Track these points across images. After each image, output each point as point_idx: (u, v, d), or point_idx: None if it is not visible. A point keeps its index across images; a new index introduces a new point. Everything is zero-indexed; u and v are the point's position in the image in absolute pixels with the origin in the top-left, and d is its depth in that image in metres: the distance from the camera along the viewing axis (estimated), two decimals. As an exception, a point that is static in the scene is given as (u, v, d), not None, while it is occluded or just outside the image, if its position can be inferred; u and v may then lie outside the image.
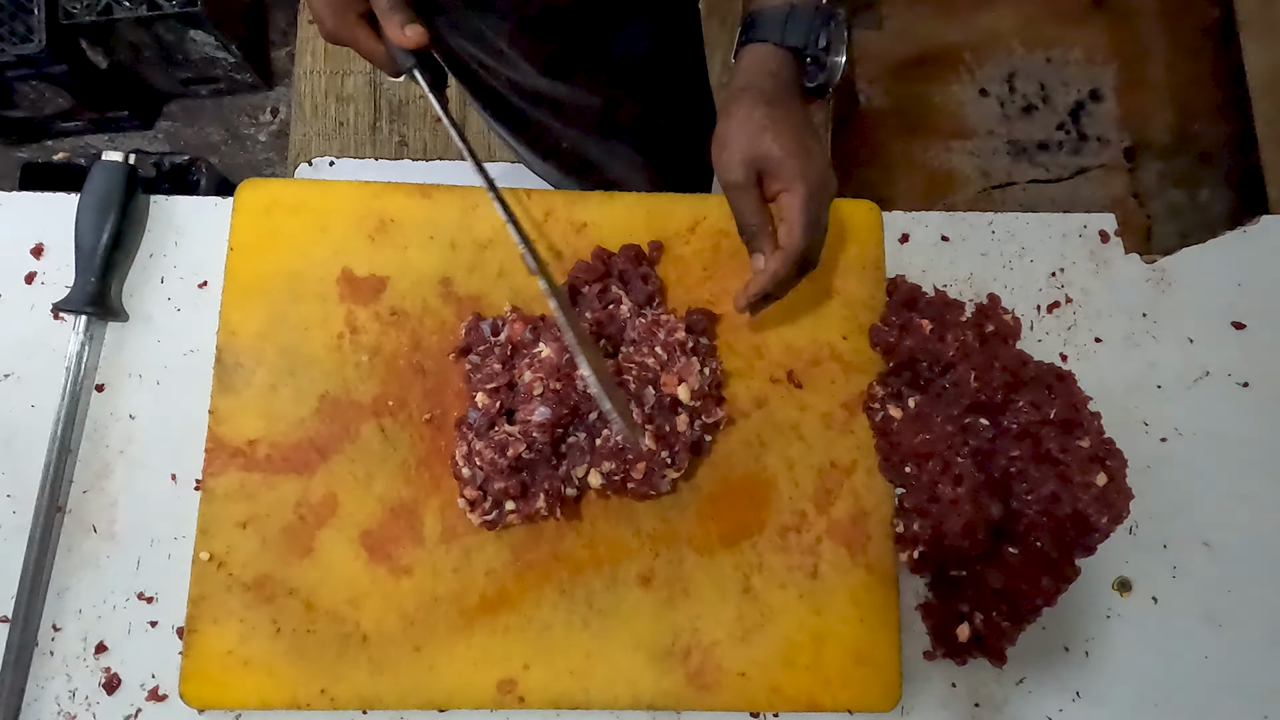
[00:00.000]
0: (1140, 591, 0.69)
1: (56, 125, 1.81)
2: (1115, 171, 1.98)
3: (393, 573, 0.64)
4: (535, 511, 0.63)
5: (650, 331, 0.64)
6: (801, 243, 0.59)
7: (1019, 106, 1.98)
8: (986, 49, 2.00)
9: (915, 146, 1.94)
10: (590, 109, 0.80)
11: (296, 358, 0.67)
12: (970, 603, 0.65)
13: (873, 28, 2.00)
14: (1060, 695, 0.67)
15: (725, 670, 0.64)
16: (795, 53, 0.59)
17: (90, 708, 0.63)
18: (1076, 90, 1.99)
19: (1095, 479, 0.63)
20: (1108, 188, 1.97)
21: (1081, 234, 0.74)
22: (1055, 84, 2.00)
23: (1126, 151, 1.97)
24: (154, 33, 1.65)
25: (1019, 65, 2.00)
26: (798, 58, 0.59)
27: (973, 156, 1.95)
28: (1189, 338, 0.73)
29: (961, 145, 1.96)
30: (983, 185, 1.94)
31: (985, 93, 1.98)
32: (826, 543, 0.66)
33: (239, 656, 0.63)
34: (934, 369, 0.66)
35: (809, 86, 0.61)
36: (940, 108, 1.97)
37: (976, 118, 1.97)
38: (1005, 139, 1.97)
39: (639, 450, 0.61)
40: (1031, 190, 1.94)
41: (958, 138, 1.96)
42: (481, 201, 0.70)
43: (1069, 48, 2.01)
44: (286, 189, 0.70)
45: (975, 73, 1.99)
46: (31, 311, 0.68)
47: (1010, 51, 2.01)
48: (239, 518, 0.64)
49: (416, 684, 0.63)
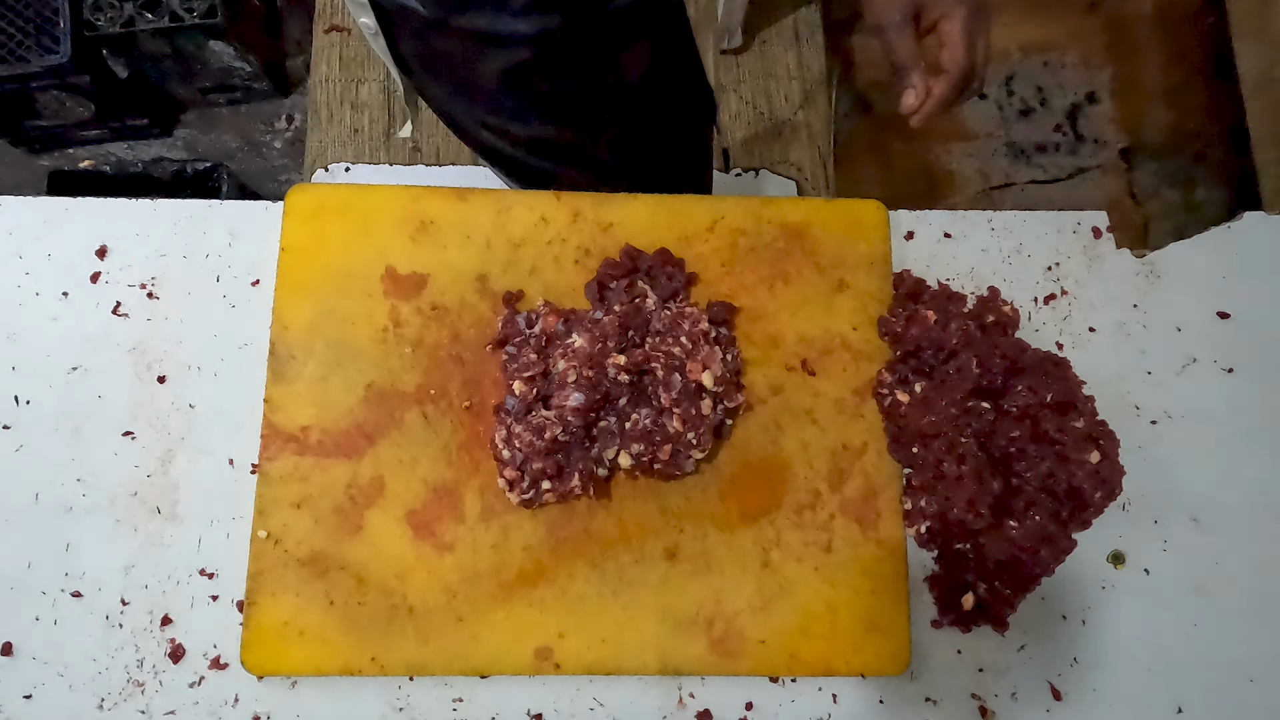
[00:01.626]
0: (1133, 564, 0.73)
1: (78, 134, 1.85)
2: (1112, 172, 2.02)
3: (436, 549, 0.69)
4: (569, 490, 0.67)
5: (675, 322, 0.69)
6: (965, 62, 0.63)
7: (1017, 109, 2.02)
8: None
9: (916, 149, 1.98)
10: (589, 145, 0.82)
11: (344, 350, 0.72)
12: (974, 573, 0.69)
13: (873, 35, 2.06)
14: (1059, 660, 0.71)
15: (746, 638, 0.69)
16: None
17: (157, 676, 0.68)
18: (1073, 93, 2.03)
19: (1089, 457, 0.68)
20: (1104, 188, 2.01)
21: (1076, 230, 0.79)
22: (1052, 87, 2.04)
23: (1123, 152, 2.01)
24: (174, 43, 1.69)
25: (1016, 69, 2.04)
26: None
27: (972, 158, 1.99)
28: (1177, 327, 0.77)
29: (961, 147, 2.00)
30: (982, 186, 1.98)
31: (984, 96, 2.01)
32: (839, 519, 0.71)
33: (295, 627, 0.67)
34: (938, 356, 0.71)
35: None
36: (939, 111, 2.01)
37: (975, 120, 2.01)
38: (1004, 141, 2.01)
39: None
40: (1030, 191, 1.98)
41: (957, 140, 2.00)
42: (514, 203, 0.75)
43: (1065, 51, 2.05)
44: (333, 194, 0.74)
45: (974, 76, 2.03)
46: (96, 309, 0.73)
47: (1008, 55, 2.05)
48: (293, 499, 0.69)
49: (460, 652, 0.68)
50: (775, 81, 1.82)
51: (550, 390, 0.68)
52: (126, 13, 1.62)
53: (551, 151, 0.83)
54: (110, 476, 0.70)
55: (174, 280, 0.74)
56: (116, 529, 0.69)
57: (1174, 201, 2.01)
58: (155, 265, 0.74)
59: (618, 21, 0.72)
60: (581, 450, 0.68)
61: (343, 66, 1.87)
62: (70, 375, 0.72)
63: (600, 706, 0.69)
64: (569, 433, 0.66)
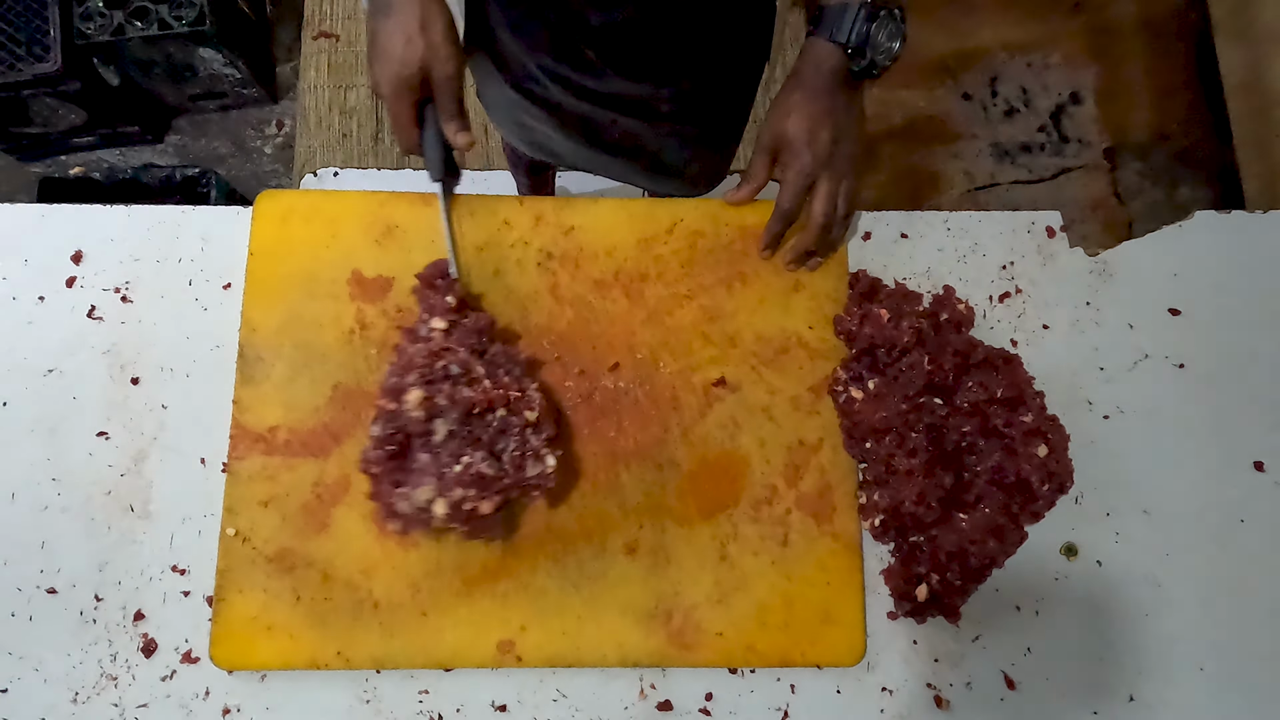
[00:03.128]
0: (1085, 556, 0.74)
1: (69, 141, 1.87)
2: (1096, 171, 2.03)
3: (401, 545, 0.71)
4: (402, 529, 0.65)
5: (494, 367, 0.68)
6: (785, 204, 0.73)
7: (1001, 110, 2.03)
8: (969, 55, 2.05)
9: (900, 150, 1.99)
10: (658, 100, 0.84)
11: (311, 352, 0.73)
12: (926, 565, 0.71)
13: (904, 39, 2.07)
14: (1013, 650, 0.73)
15: (704, 631, 0.71)
16: (843, 46, 0.68)
17: (130, 670, 0.69)
18: (1057, 94, 2.04)
19: (1037, 450, 0.70)
20: (1089, 187, 2.02)
21: (1030, 230, 0.81)
22: (1036, 88, 2.05)
23: (1106, 152, 2.02)
24: (164, 51, 1.71)
25: (1000, 70, 2.05)
26: (842, 49, 0.68)
27: (957, 159, 2.01)
28: (1129, 324, 0.79)
29: (946, 149, 2.01)
30: (968, 187, 1.99)
31: (968, 97, 2.03)
32: (796, 514, 0.73)
33: (263, 622, 0.69)
34: (891, 354, 0.72)
35: (854, 70, 0.69)
36: (924, 112, 2.02)
37: (960, 122, 2.02)
38: (989, 142, 2.02)
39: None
40: (1015, 191, 2.00)
41: (942, 141, 2.01)
42: (478, 208, 0.77)
43: (1049, 52, 2.07)
44: (301, 199, 0.76)
45: (959, 78, 2.04)
46: (72, 313, 0.75)
47: (992, 57, 2.06)
48: (261, 497, 0.71)
49: (424, 645, 0.69)
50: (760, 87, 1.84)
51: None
52: (116, 21, 1.64)
53: (615, 104, 0.85)
54: (85, 475, 0.72)
55: (147, 284, 0.76)
56: (91, 527, 0.71)
57: (1158, 200, 2.02)
58: (129, 269, 0.76)
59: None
60: (387, 487, 0.65)
61: (332, 72, 1.89)
62: (46, 377, 0.73)
63: (563, 698, 0.71)
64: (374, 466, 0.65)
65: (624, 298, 0.76)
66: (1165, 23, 2.09)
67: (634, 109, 0.85)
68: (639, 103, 0.85)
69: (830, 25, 0.68)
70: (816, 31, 0.69)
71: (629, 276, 0.76)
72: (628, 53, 0.77)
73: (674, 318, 0.76)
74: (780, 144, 0.72)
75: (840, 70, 0.69)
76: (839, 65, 0.69)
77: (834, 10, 0.68)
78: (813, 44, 0.70)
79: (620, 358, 0.74)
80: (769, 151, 0.73)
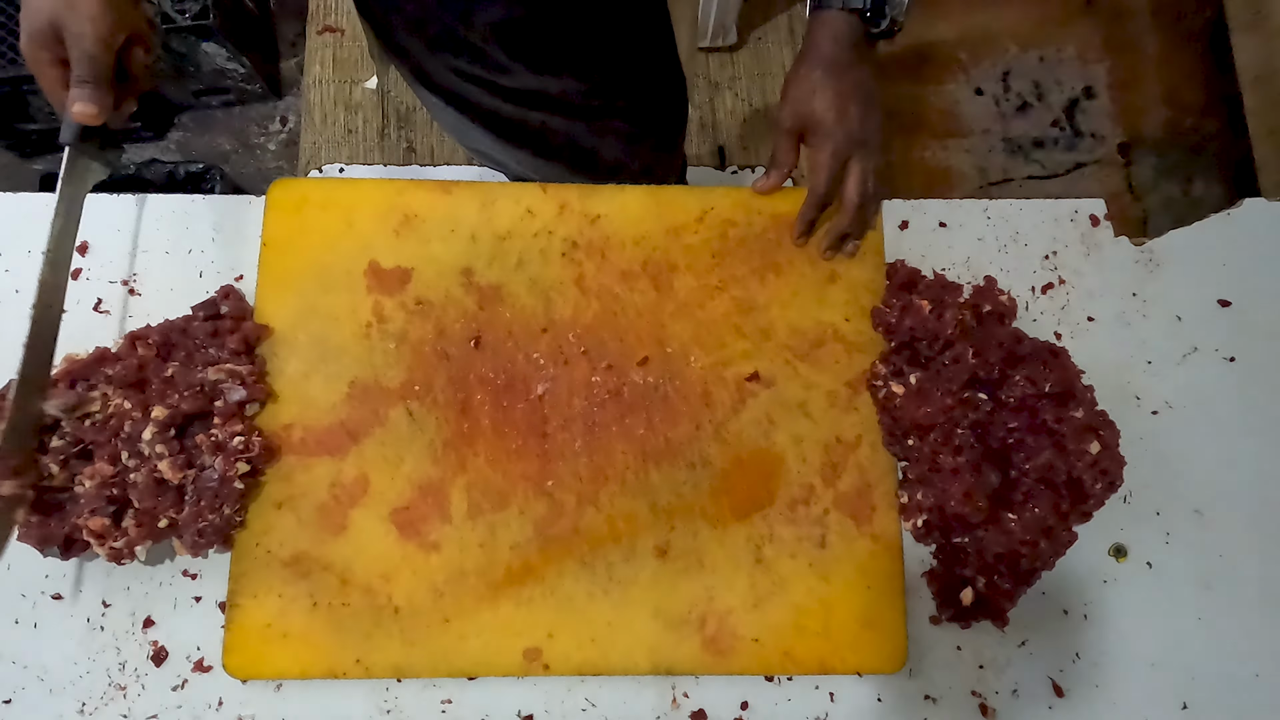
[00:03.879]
0: (1135, 557, 0.72)
1: (71, 136, 1.86)
2: (1110, 166, 2.01)
3: (422, 548, 0.68)
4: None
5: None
6: (820, 187, 0.70)
7: (1014, 105, 2.01)
8: (981, 49, 2.04)
9: (913, 145, 1.97)
10: (577, 95, 0.83)
11: (327, 346, 0.70)
12: (973, 568, 0.68)
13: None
14: (1060, 656, 0.70)
15: (739, 636, 0.68)
16: (859, 11, 0.66)
17: (139, 679, 0.66)
18: (1070, 88, 2.02)
19: (1089, 447, 0.66)
20: (1103, 182, 2.00)
21: (1073, 219, 0.78)
22: (1049, 82, 2.03)
23: (1121, 146, 2.00)
24: (167, 45, 1.69)
25: (1013, 64, 2.03)
26: (860, 15, 0.66)
27: (969, 154, 1.99)
28: (1177, 316, 0.76)
29: (958, 143, 1.99)
30: (980, 182, 1.97)
31: (981, 92, 2.01)
32: (834, 514, 0.70)
33: (278, 629, 0.66)
34: (933, 347, 0.69)
35: (874, 33, 0.67)
36: (937, 107, 2.00)
37: (972, 116, 2.00)
38: (1001, 136, 2.00)
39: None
40: (1028, 186, 1.98)
41: (954, 136, 1.99)
42: (499, 196, 0.74)
43: (1062, 46, 2.05)
44: (316, 187, 0.73)
45: (970, 72, 2.02)
46: (77, 306, 0.72)
47: (1004, 51, 2.04)
48: (276, 498, 0.68)
49: (446, 653, 0.66)
50: (770, 79, 1.81)
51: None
52: (118, 15, 1.61)
53: (537, 101, 0.82)
54: (91, 477, 0.69)
55: (155, 276, 0.73)
56: (97, 530, 0.68)
57: (1173, 195, 2.00)
58: (137, 261, 0.73)
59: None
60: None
61: (336, 67, 1.86)
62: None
63: (592, 707, 0.68)
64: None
65: (652, 289, 0.73)
66: (1179, 16, 2.07)
67: (557, 106, 0.83)
68: (559, 100, 0.82)
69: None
70: (823, 4, 0.67)
71: (657, 267, 0.73)
72: (529, 48, 0.75)
73: (705, 310, 0.72)
74: (807, 124, 0.70)
75: (859, 39, 0.67)
76: (857, 32, 0.67)
77: None
78: (824, 17, 0.67)
79: (649, 352, 0.71)
80: (794, 134, 0.71)
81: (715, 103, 1.80)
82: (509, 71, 0.77)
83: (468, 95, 0.83)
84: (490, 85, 0.79)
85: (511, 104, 0.81)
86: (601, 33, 0.77)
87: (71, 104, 0.62)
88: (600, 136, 0.88)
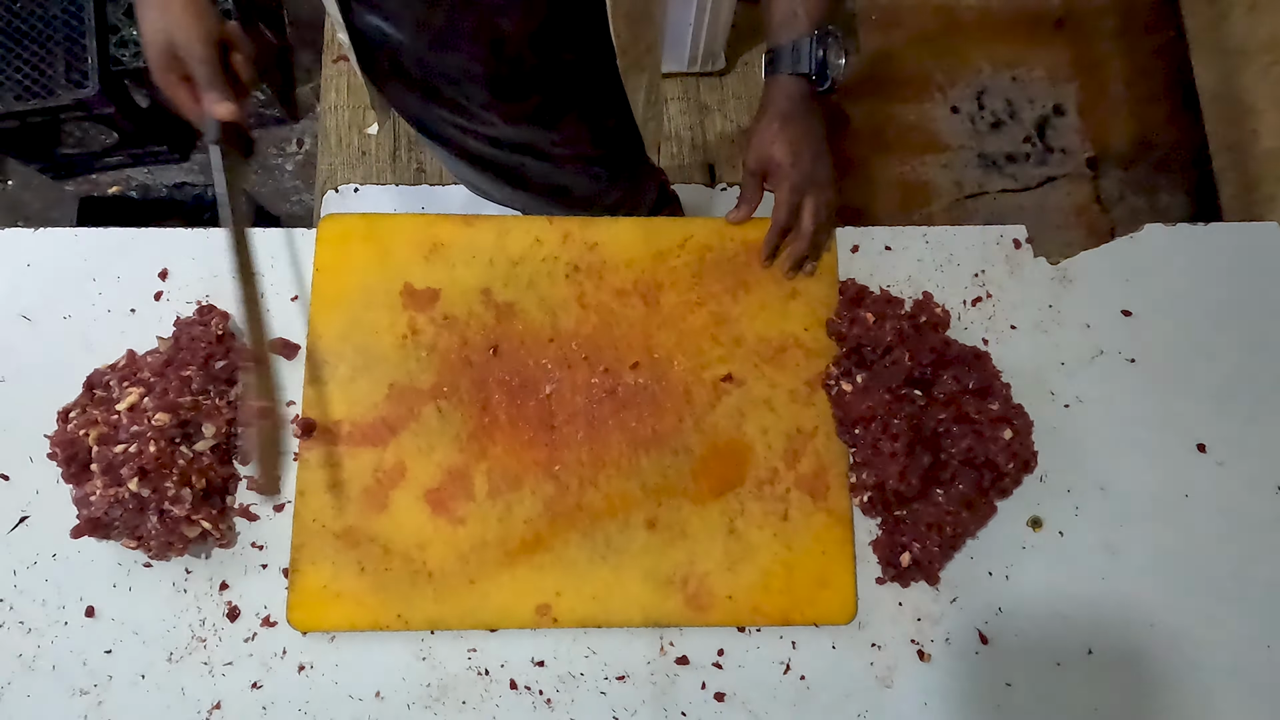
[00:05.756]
0: (1049, 527, 0.85)
1: (101, 160, 1.96)
2: (1079, 180, 2.12)
3: (451, 522, 0.81)
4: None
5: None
6: (781, 219, 0.84)
7: (988, 122, 2.12)
8: (956, 70, 2.14)
9: (893, 161, 2.08)
10: (547, 143, 0.95)
11: (370, 355, 0.84)
12: (909, 536, 0.81)
13: (850, 53, 2.17)
14: (986, 610, 0.83)
15: (716, 595, 0.81)
16: (805, 75, 0.79)
17: (217, 633, 0.80)
18: (1041, 106, 2.13)
19: (1003, 434, 0.80)
20: (1073, 195, 2.11)
21: (999, 242, 0.91)
22: (1021, 101, 2.14)
23: (1089, 161, 2.11)
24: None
25: (987, 84, 2.14)
26: (806, 78, 0.80)
27: (946, 169, 2.09)
28: (1087, 324, 0.89)
29: (935, 159, 2.09)
30: (956, 195, 2.08)
31: (956, 110, 2.12)
32: (794, 492, 0.83)
33: (332, 590, 0.79)
34: (876, 351, 0.83)
35: (820, 89, 0.81)
36: (915, 125, 2.11)
37: (949, 133, 2.11)
38: (976, 152, 2.11)
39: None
40: (1002, 199, 2.08)
41: (932, 152, 2.09)
42: (513, 227, 0.87)
43: (1033, 67, 2.16)
44: (358, 222, 0.87)
45: (947, 92, 2.13)
46: (160, 323, 0.85)
47: (979, 72, 2.15)
48: (328, 482, 0.81)
49: (471, 609, 0.80)
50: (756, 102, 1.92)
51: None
52: (151, 50, 1.74)
53: (515, 148, 0.95)
54: (173, 465, 0.82)
55: (224, 297, 0.86)
56: (179, 509, 0.81)
57: (1139, 207, 2.10)
58: (209, 285, 0.87)
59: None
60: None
61: (350, 93, 1.98)
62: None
63: (594, 654, 0.81)
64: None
65: (642, 304, 0.86)
66: (1144, 38, 2.17)
67: (529, 151, 0.96)
68: (531, 147, 0.95)
69: (789, 62, 0.79)
70: (777, 70, 0.81)
71: (646, 286, 0.87)
72: (502, 103, 0.86)
73: (686, 322, 0.86)
74: (768, 167, 0.83)
75: (807, 96, 0.81)
76: (805, 91, 0.80)
77: (786, 49, 0.79)
78: (778, 79, 0.81)
79: (639, 357, 0.85)
80: (758, 175, 0.84)
81: (705, 124, 1.93)
82: (486, 122, 0.89)
83: (453, 139, 0.96)
84: (473, 132, 0.93)
85: (491, 148, 0.94)
86: (559, 98, 0.89)
87: (211, 106, 0.72)
88: (572, 177, 1.02)
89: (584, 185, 1.05)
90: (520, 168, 0.99)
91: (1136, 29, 2.19)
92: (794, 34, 0.79)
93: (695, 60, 1.84)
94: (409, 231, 0.87)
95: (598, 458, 0.83)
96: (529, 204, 1.11)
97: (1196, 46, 2.04)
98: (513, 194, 1.07)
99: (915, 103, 2.12)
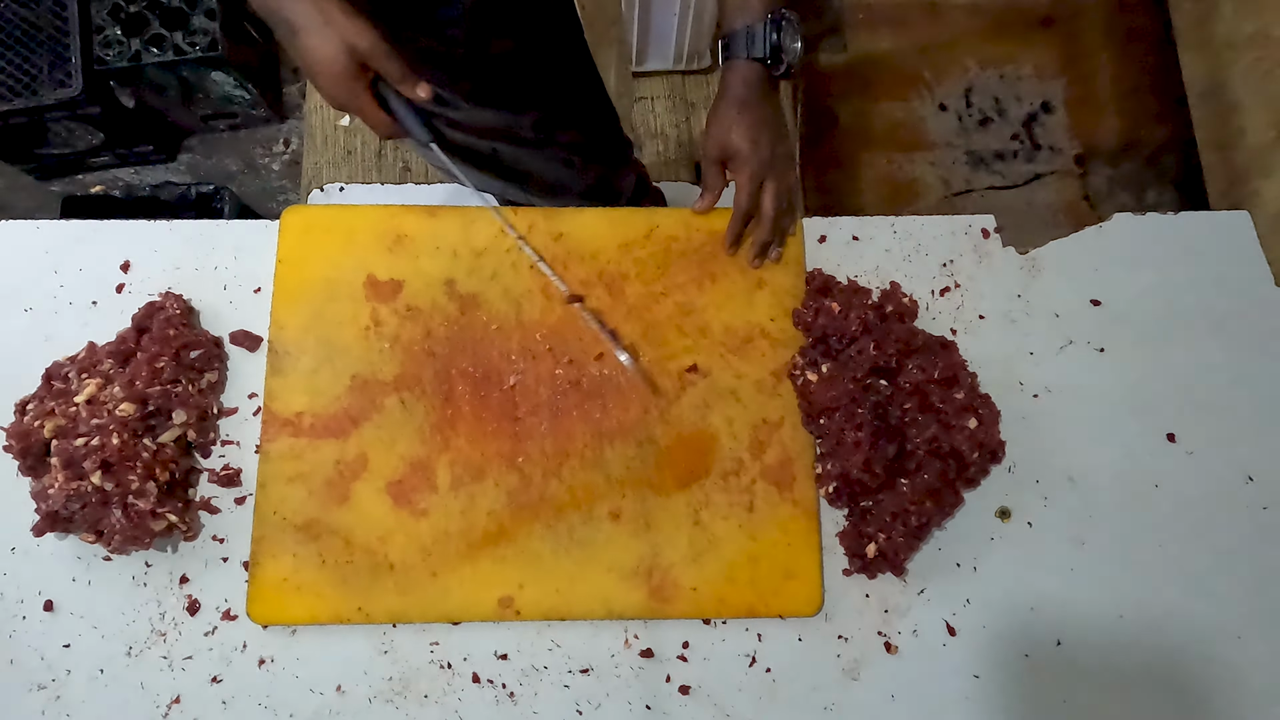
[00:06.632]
0: (1018, 518, 0.84)
1: (86, 160, 1.97)
2: (1067, 177, 2.12)
3: (413, 515, 0.80)
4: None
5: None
6: (743, 203, 0.83)
7: (976, 119, 2.12)
8: (944, 68, 2.15)
9: (881, 158, 2.08)
10: (519, 127, 0.95)
11: (332, 346, 0.84)
12: (875, 526, 0.80)
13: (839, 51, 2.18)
14: (954, 602, 0.82)
15: (680, 586, 0.80)
16: (761, 60, 0.79)
17: (177, 626, 0.79)
18: (1029, 103, 2.13)
19: (969, 423, 0.79)
20: (1061, 192, 2.11)
21: (967, 232, 0.91)
22: (1009, 98, 2.14)
23: (1077, 158, 2.11)
24: (178, 75, 1.81)
25: (975, 82, 2.15)
26: (762, 62, 0.79)
27: (934, 166, 2.09)
28: (1055, 313, 0.89)
29: (923, 156, 2.10)
30: (944, 193, 2.08)
31: (944, 108, 2.12)
32: (760, 483, 0.82)
33: (293, 584, 0.79)
34: (841, 341, 0.82)
35: (777, 74, 0.80)
36: (903, 122, 2.11)
37: (937, 131, 2.11)
38: (964, 150, 2.11)
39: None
40: (990, 196, 2.09)
41: (920, 149, 2.10)
42: (477, 218, 0.87)
43: (1020, 64, 2.16)
44: (321, 213, 0.87)
45: (935, 90, 2.13)
46: (121, 315, 0.85)
47: (966, 69, 2.16)
48: (290, 474, 0.81)
49: (434, 602, 0.79)
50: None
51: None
52: (134, 48, 1.74)
53: (487, 133, 0.95)
54: (134, 458, 0.82)
55: (188, 289, 0.86)
56: (140, 502, 0.81)
57: (1127, 204, 2.10)
58: (172, 276, 0.86)
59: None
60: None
61: (337, 93, 1.99)
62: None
63: (557, 647, 0.80)
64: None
65: (607, 295, 0.86)
66: (1131, 35, 2.18)
67: (502, 136, 0.95)
68: (504, 131, 0.94)
69: (744, 46, 0.79)
70: (732, 55, 0.80)
71: (611, 277, 0.86)
72: (476, 87, 0.86)
73: (652, 312, 0.86)
74: (727, 154, 0.82)
75: (764, 80, 0.80)
76: (762, 76, 0.80)
77: (741, 34, 0.79)
78: (734, 65, 0.80)
79: (604, 348, 0.84)
80: (719, 162, 0.84)
81: (691, 121, 1.93)
82: (458, 107, 0.89)
83: (426, 125, 0.95)
84: (444, 118, 0.92)
85: (462, 133, 0.93)
86: (530, 76, 0.88)
87: (413, 92, 0.73)
88: (545, 162, 1.01)
89: (556, 171, 1.04)
90: (492, 152, 0.99)
91: (1124, 26, 2.19)
92: (748, 18, 0.78)
93: (681, 58, 1.84)
94: (372, 223, 0.86)
95: (561, 449, 0.82)
96: (503, 189, 1.10)
97: (1184, 43, 2.04)
98: (485, 179, 1.07)
99: (902, 100, 2.12)
